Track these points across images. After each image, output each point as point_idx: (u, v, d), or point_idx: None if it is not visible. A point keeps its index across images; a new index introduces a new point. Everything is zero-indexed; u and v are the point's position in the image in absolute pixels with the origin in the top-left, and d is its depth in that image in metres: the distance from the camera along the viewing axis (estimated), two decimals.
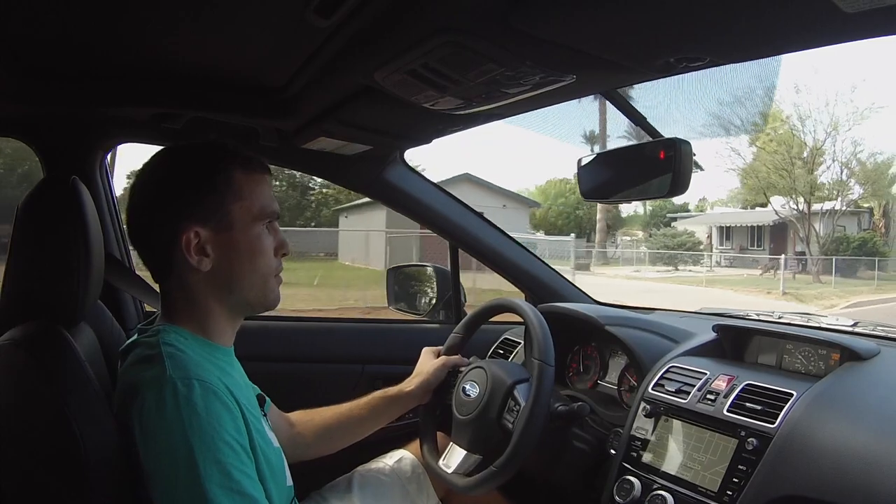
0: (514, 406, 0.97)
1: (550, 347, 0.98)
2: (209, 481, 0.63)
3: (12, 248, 0.76)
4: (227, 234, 0.75)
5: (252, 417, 0.74)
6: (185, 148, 0.80)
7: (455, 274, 1.59)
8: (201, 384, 0.67)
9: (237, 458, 0.66)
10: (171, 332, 0.74)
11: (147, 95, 1.00)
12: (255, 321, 1.48)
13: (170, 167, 0.78)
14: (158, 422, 0.65)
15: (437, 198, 1.46)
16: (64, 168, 1.15)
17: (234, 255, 0.76)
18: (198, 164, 0.77)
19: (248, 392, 0.80)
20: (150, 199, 0.76)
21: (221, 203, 0.75)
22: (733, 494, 0.82)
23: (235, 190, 0.76)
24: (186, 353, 0.71)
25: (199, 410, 0.65)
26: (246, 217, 0.76)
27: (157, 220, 0.75)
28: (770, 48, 0.69)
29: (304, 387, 1.39)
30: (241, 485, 0.65)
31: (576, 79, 0.78)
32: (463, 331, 1.17)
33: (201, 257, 0.74)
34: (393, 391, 1.09)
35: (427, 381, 1.10)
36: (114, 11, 0.73)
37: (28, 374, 0.68)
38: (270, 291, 0.80)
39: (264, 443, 0.76)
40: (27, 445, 0.68)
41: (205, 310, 0.77)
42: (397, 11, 0.66)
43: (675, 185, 0.92)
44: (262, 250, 0.78)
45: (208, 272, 0.75)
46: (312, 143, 1.20)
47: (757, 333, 1.09)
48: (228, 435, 0.66)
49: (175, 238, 0.73)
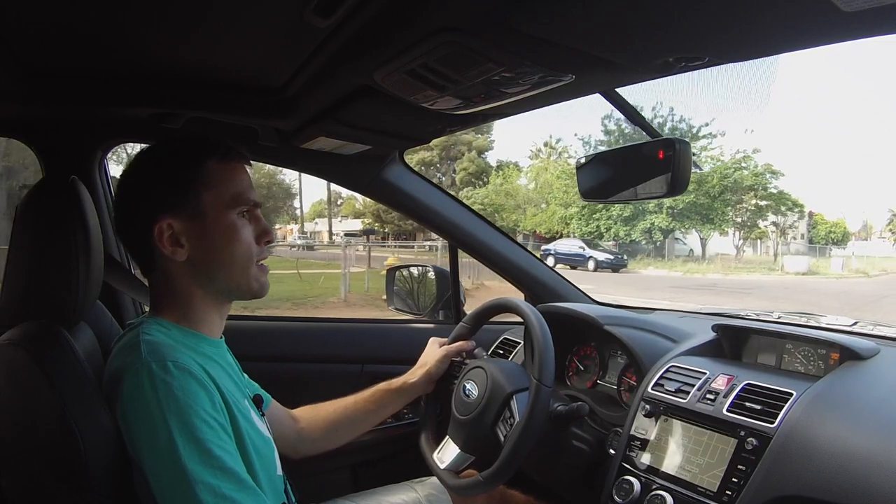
0: (509, 417, 0.97)
1: (551, 362, 0.96)
2: (189, 459, 0.63)
3: (12, 248, 0.76)
4: (200, 222, 0.76)
5: (236, 402, 0.74)
6: (162, 143, 0.81)
7: (454, 274, 1.59)
8: (176, 365, 0.67)
9: (215, 434, 0.67)
10: (153, 323, 0.75)
11: (147, 95, 1.00)
12: (255, 321, 1.49)
13: (145, 163, 0.79)
14: (136, 405, 0.66)
15: (437, 198, 1.46)
16: (64, 168, 1.15)
17: (208, 243, 0.76)
18: (170, 157, 0.78)
19: (233, 383, 0.80)
20: (127, 195, 0.78)
21: (192, 193, 0.76)
22: (733, 494, 0.82)
23: (206, 179, 0.76)
24: (163, 340, 0.72)
25: (175, 391, 0.66)
26: (219, 205, 0.77)
27: (133, 214, 0.77)
28: (769, 47, 0.69)
29: (304, 387, 1.39)
30: (222, 460, 0.65)
31: (574, 78, 0.78)
32: (471, 321, 1.18)
33: (175, 248, 0.75)
34: (397, 382, 1.11)
35: (430, 371, 1.12)
36: (114, 12, 0.73)
37: (27, 373, 0.67)
38: (253, 279, 0.80)
39: (252, 429, 0.76)
40: (27, 445, 0.68)
41: (187, 299, 0.78)
42: (396, 11, 0.66)
43: (674, 184, 0.92)
44: (238, 238, 0.78)
45: (186, 262, 0.76)
46: (311, 142, 1.20)
47: (756, 333, 1.09)
48: (205, 412, 0.67)
49: (150, 230, 0.75)
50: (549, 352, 0.96)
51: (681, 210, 19.71)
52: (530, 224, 23.48)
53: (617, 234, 21.33)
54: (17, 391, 0.69)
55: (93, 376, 0.71)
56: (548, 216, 22.88)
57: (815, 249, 25.15)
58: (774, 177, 20.47)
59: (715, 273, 18.07)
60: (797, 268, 19.07)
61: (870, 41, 0.83)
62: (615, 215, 21.07)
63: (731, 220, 21.09)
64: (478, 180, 26.84)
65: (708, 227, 20.53)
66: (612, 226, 21.36)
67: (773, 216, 22.36)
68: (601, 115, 22.54)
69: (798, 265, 19.34)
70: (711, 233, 21.03)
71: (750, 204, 21.06)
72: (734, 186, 19.64)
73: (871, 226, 32.69)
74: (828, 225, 28.85)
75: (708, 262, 20.61)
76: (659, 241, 21.12)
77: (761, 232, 22.67)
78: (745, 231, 21.91)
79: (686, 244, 23.02)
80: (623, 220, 21.09)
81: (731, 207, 20.52)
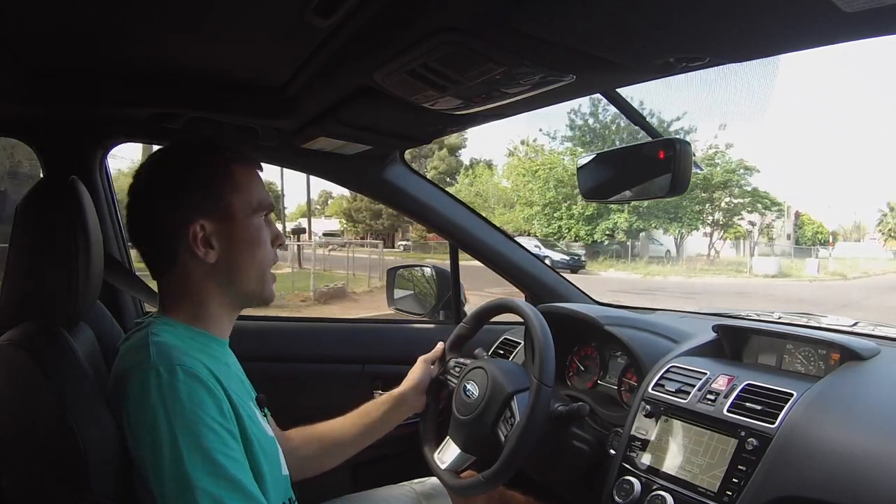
0: (509, 417, 0.97)
1: (551, 362, 0.96)
2: (193, 467, 0.63)
3: (12, 248, 0.76)
4: (229, 225, 0.78)
5: (242, 405, 0.74)
6: (183, 144, 0.82)
7: (455, 274, 1.59)
8: (184, 370, 0.67)
9: (221, 442, 0.66)
10: (162, 323, 0.75)
11: (147, 95, 1.00)
12: (255, 321, 1.49)
13: (172, 163, 0.80)
14: (142, 408, 0.66)
15: (437, 197, 1.46)
16: (64, 168, 1.15)
17: (236, 245, 0.78)
18: (200, 159, 0.79)
19: (240, 385, 0.81)
20: (156, 195, 0.78)
21: (223, 196, 0.78)
22: (733, 495, 0.82)
23: (235, 182, 0.79)
24: (172, 342, 0.71)
25: (182, 396, 0.65)
26: (246, 209, 0.79)
27: (163, 214, 0.77)
28: (770, 48, 0.69)
29: (304, 387, 1.39)
30: (226, 469, 0.65)
31: (575, 79, 0.78)
32: (472, 322, 1.18)
33: (207, 249, 0.77)
34: (383, 398, 1.10)
35: (414, 384, 1.11)
36: (114, 12, 0.73)
37: (27, 373, 0.67)
38: (267, 283, 0.83)
39: (258, 430, 0.76)
40: (27, 445, 0.68)
41: (204, 300, 0.79)
42: (397, 11, 0.66)
43: (675, 184, 0.92)
44: (262, 241, 0.81)
45: (213, 264, 0.77)
46: (312, 142, 1.20)
47: (757, 333, 1.09)
48: (211, 419, 0.67)
49: (183, 231, 0.75)
50: (550, 352, 0.96)
51: (646, 208, 19.00)
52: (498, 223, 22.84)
53: (578, 234, 20.64)
54: (17, 391, 0.69)
55: (93, 376, 0.71)
56: (515, 215, 22.22)
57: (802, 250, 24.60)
58: (749, 173, 19.75)
59: (678, 275, 17.39)
60: (766, 270, 18.20)
61: (871, 41, 0.83)
62: (577, 214, 20.33)
63: (702, 219, 20.41)
64: (452, 179, 26.45)
65: (676, 226, 19.84)
66: (573, 226, 20.61)
67: (748, 215, 21.60)
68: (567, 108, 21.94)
69: (767, 267, 18.48)
70: (681, 232, 20.39)
71: (722, 202, 20.36)
72: (704, 184, 18.89)
73: (863, 227, 32.73)
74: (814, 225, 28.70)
75: (673, 264, 19.95)
76: (623, 242, 20.43)
77: (738, 231, 21.97)
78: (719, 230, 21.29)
79: (662, 244, 22.44)
80: (585, 220, 20.33)
81: (700, 205, 19.78)
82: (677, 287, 14.11)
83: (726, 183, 19.52)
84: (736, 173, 19.50)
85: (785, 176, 45.39)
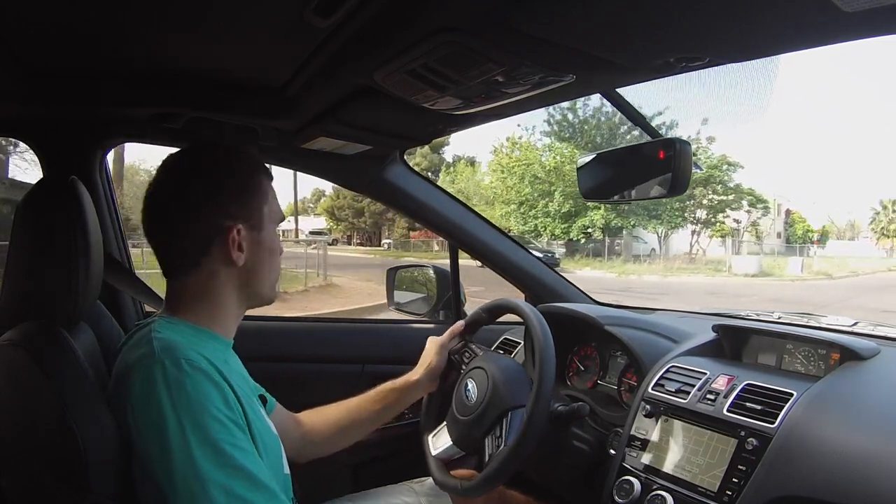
0: (498, 435, 0.95)
1: (551, 362, 0.93)
2: (202, 459, 0.63)
3: (12, 248, 0.76)
4: (258, 233, 0.81)
5: (247, 400, 0.75)
6: (221, 150, 0.84)
7: (455, 274, 1.59)
8: (189, 363, 0.68)
9: (228, 433, 0.67)
10: (166, 322, 0.76)
11: (147, 95, 1.00)
12: (255, 322, 1.49)
13: (212, 167, 0.81)
14: (148, 402, 0.66)
15: (437, 198, 1.46)
16: (64, 168, 1.15)
17: (260, 252, 0.82)
18: (241, 167, 0.82)
19: (243, 381, 0.81)
20: (196, 197, 0.78)
21: (257, 204, 0.81)
22: (733, 495, 0.82)
23: (265, 193, 0.83)
24: (176, 338, 0.72)
25: (188, 389, 0.66)
26: (271, 218, 0.83)
27: (203, 216, 0.78)
28: (770, 48, 0.69)
29: (304, 387, 1.39)
30: (235, 459, 0.65)
31: (575, 78, 0.78)
32: (487, 311, 1.15)
33: (239, 253, 0.79)
34: (400, 381, 1.11)
35: (431, 366, 1.12)
36: (114, 12, 0.73)
37: (27, 373, 0.67)
38: (274, 288, 0.87)
39: (262, 427, 0.77)
40: (27, 445, 0.68)
41: (222, 302, 0.81)
42: (397, 11, 0.66)
43: (675, 184, 0.92)
44: (278, 250, 0.85)
45: (240, 267, 0.80)
46: (312, 142, 1.20)
47: (756, 333, 1.09)
48: (217, 411, 0.67)
49: (220, 233, 0.78)
50: (550, 352, 0.95)
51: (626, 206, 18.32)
52: None
53: (554, 231, 20.29)
54: (17, 391, 0.69)
55: (93, 376, 0.71)
56: (494, 213, 21.71)
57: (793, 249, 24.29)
58: (732, 169, 19.38)
59: (654, 274, 16.94)
60: (746, 269, 17.75)
61: (870, 40, 0.83)
62: (553, 212, 19.93)
63: (684, 216, 20.08)
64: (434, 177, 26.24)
65: (655, 223, 19.54)
66: (549, 224, 20.23)
67: (733, 212, 21.24)
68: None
69: (747, 266, 18.02)
70: (663, 230, 20.08)
71: (704, 199, 20.01)
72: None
73: (857, 225, 32.67)
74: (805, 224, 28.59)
75: (650, 263, 19.58)
76: (600, 240, 20.10)
77: (723, 229, 21.61)
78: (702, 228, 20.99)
79: (647, 242, 22.11)
80: (561, 217, 19.91)
81: (681, 203, 19.25)
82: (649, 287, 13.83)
83: (708, 179, 19.19)
84: (718, 169, 19.15)
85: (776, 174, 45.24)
